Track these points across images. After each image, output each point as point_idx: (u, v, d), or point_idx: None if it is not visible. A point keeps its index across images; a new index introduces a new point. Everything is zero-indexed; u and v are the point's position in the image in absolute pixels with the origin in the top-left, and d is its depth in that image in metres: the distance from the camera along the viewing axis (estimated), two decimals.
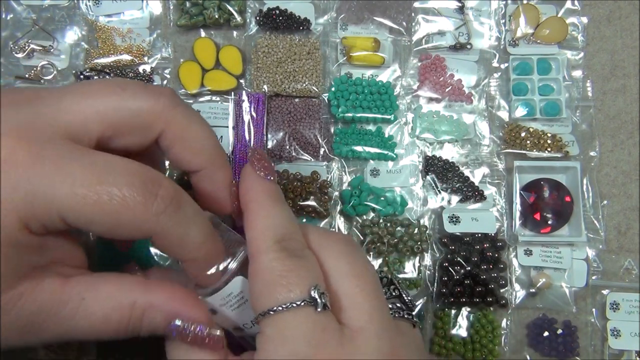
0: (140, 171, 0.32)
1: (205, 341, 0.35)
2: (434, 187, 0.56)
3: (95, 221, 0.31)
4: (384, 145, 0.56)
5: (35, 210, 0.30)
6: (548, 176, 0.56)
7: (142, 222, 0.32)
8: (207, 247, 0.35)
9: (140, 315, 0.34)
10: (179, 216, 0.33)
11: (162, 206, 0.32)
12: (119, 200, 0.31)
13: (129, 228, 0.32)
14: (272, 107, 0.57)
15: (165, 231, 0.33)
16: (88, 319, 0.33)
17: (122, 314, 0.34)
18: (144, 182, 0.32)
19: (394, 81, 0.57)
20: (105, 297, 0.34)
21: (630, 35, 0.59)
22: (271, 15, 0.57)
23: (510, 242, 0.55)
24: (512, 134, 0.56)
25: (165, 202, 0.32)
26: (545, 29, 0.58)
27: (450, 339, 0.54)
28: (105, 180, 0.31)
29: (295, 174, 0.55)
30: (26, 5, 0.57)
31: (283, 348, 0.32)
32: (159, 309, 0.35)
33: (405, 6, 0.58)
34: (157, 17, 0.58)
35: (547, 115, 0.57)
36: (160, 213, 0.32)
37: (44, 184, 0.30)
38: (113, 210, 0.31)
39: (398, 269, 0.55)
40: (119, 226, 0.31)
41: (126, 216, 0.31)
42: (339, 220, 0.56)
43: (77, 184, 0.30)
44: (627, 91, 0.59)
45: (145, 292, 0.35)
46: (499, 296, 0.54)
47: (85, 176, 0.30)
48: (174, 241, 0.33)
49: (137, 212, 0.31)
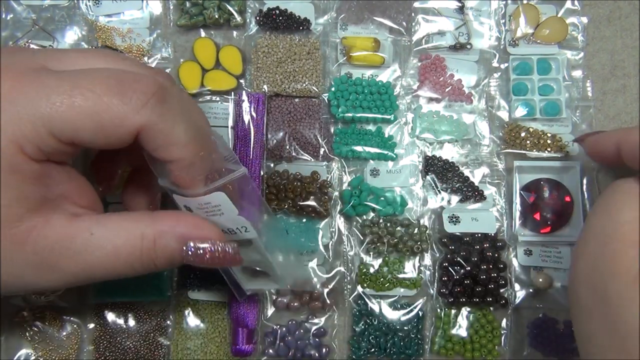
0: (117, 72, 0.33)
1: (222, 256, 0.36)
2: (434, 187, 0.56)
3: (79, 126, 0.31)
4: (384, 145, 0.56)
5: (23, 129, 0.31)
6: (548, 176, 0.56)
7: (123, 118, 0.32)
8: (193, 148, 0.35)
9: (151, 245, 0.35)
10: (162, 109, 0.33)
11: (142, 100, 0.32)
12: (95, 99, 0.31)
13: (112, 127, 0.32)
14: (272, 107, 0.57)
15: (149, 126, 0.33)
16: (99, 253, 0.34)
17: (132, 245, 0.35)
18: (120, 80, 0.32)
19: (394, 81, 0.57)
20: (112, 231, 0.34)
21: (630, 35, 0.59)
22: (271, 15, 0.57)
23: (510, 242, 0.55)
24: (512, 134, 0.56)
25: (147, 95, 0.32)
26: (545, 29, 0.58)
27: (450, 339, 0.54)
28: (79, 84, 0.31)
29: (295, 174, 0.55)
30: (26, 5, 0.57)
31: None
32: (171, 234, 0.35)
33: (405, 6, 0.58)
34: (157, 17, 0.58)
35: (547, 115, 0.57)
36: (141, 107, 0.32)
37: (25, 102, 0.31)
38: (92, 111, 0.31)
39: (398, 269, 0.55)
40: (102, 127, 0.32)
41: (105, 115, 0.32)
42: (339, 220, 0.56)
43: (53, 94, 0.31)
44: (627, 91, 0.59)
45: (153, 222, 0.35)
46: (499, 296, 0.54)
47: (59, 85, 0.31)
48: (159, 137, 0.33)
49: (115, 108, 0.32)
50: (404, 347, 0.54)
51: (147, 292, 0.53)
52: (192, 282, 0.54)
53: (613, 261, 0.35)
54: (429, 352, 0.55)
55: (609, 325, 0.34)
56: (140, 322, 0.54)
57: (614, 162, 0.42)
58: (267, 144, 0.56)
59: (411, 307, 0.55)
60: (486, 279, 0.53)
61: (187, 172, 0.36)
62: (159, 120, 0.33)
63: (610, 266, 0.35)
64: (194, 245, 0.35)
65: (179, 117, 0.34)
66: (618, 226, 0.36)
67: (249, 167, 0.53)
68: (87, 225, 0.34)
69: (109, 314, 0.54)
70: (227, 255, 0.36)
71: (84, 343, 0.54)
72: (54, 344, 0.53)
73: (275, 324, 0.55)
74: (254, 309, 0.53)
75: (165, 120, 0.33)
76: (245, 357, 0.53)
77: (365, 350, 0.54)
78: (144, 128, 0.33)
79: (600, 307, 0.35)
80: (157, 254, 0.35)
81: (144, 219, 0.36)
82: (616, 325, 0.33)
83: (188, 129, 0.34)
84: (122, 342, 0.53)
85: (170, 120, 0.33)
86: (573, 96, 0.57)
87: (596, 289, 0.36)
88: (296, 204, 0.54)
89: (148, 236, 0.35)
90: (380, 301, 0.55)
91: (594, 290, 0.36)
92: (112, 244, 0.34)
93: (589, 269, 0.37)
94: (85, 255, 0.34)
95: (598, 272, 0.36)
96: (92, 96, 0.31)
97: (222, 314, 0.54)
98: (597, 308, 0.35)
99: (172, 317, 0.54)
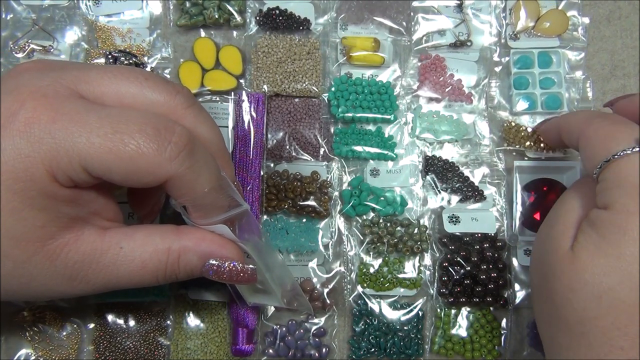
0: (154, 119, 0.35)
1: (240, 275, 0.39)
2: (434, 187, 0.56)
3: (113, 168, 0.33)
4: (384, 145, 0.56)
5: (59, 161, 0.33)
6: (548, 176, 0.56)
7: (156, 167, 0.34)
8: (213, 196, 0.37)
9: (176, 259, 0.38)
10: (191, 161, 0.35)
11: (175, 151, 0.34)
12: (132, 147, 0.33)
13: (144, 174, 0.34)
14: (272, 107, 0.57)
15: (178, 176, 0.35)
16: (127, 266, 0.37)
17: (159, 259, 0.37)
18: (157, 130, 0.34)
19: (394, 81, 0.57)
20: (141, 245, 0.37)
21: (630, 35, 0.59)
22: (271, 15, 0.57)
23: (510, 242, 0.55)
24: (511, 132, 0.56)
25: (179, 147, 0.34)
26: (545, 22, 0.57)
27: (450, 339, 0.54)
28: (119, 129, 0.33)
29: (295, 174, 0.55)
30: (26, 5, 0.57)
31: (620, 188, 0.35)
32: (194, 250, 0.38)
33: (405, 6, 0.58)
34: (157, 17, 0.58)
35: (548, 108, 0.57)
36: (174, 158, 0.34)
37: (64, 136, 0.32)
38: (127, 156, 0.33)
39: (398, 269, 0.55)
40: (135, 172, 0.34)
41: (140, 162, 0.33)
42: (338, 220, 0.56)
43: (94, 134, 0.33)
44: (627, 91, 0.59)
45: (178, 237, 0.38)
46: (498, 296, 0.54)
47: (100, 126, 0.33)
48: (184, 185, 0.35)
49: (150, 158, 0.33)
50: (404, 347, 0.54)
51: (147, 292, 0.53)
52: (192, 282, 0.54)
53: (553, 240, 0.39)
54: (429, 352, 0.55)
55: (548, 298, 0.38)
56: (140, 322, 0.54)
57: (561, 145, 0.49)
58: (267, 144, 0.56)
59: (411, 307, 0.55)
60: (486, 279, 0.53)
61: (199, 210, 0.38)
62: (187, 172, 0.35)
63: (551, 244, 0.39)
64: (215, 263, 0.39)
65: (204, 169, 0.36)
66: (564, 212, 0.40)
67: (249, 167, 0.53)
68: (116, 240, 0.37)
69: (109, 314, 0.54)
70: (245, 276, 0.40)
71: (84, 343, 0.54)
72: (54, 344, 0.53)
73: (275, 324, 0.55)
74: (254, 309, 0.53)
75: (192, 172, 0.35)
76: (245, 357, 0.53)
77: (365, 350, 0.54)
78: (173, 178, 0.35)
79: (544, 282, 0.38)
80: (180, 269, 0.38)
81: (169, 234, 0.38)
82: (552, 297, 0.37)
83: (210, 179, 0.37)
84: (122, 342, 0.53)
85: (196, 172, 0.35)
86: (573, 97, 0.57)
87: (541, 266, 0.39)
88: (296, 204, 0.54)
89: (174, 252, 0.38)
90: (380, 301, 0.55)
91: (540, 268, 0.40)
92: (140, 258, 0.37)
93: (538, 249, 0.41)
94: (114, 268, 0.37)
95: (543, 251, 0.39)
96: (130, 144, 0.33)
97: (222, 314, 0.54)
98: (542, 284, 0.39)
99: (172, 317, 0.54)
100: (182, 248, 0.38)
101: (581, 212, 0.39)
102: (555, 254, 0.38)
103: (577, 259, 0.36)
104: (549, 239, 0.40)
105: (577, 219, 0.39)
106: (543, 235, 0.41)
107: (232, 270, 0.39)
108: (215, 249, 0.39)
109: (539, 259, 0.41)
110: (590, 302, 0.34)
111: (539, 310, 0.40)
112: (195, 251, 0.38)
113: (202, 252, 0.38)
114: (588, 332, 0.34)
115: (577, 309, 0.35)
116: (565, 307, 0.36)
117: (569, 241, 0.38)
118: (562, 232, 0.39)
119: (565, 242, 0.38)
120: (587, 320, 0.35)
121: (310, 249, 0.55)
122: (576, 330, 0.35)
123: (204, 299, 0.54)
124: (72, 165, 0.33)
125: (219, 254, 0.39)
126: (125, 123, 0.33)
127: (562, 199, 0.42)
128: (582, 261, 0.35)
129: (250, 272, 0.40)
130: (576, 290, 0.35)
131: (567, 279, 0.36)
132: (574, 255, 0.36)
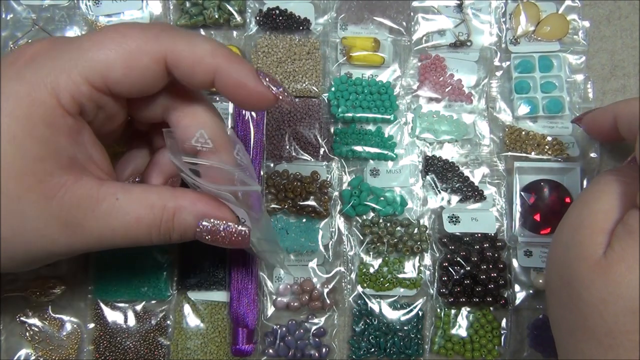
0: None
1: (233, 237, 0.39)
2: (434, 187, 0.56)
3: (111, 64, 0.34)
4: (384, 145, 0.56)
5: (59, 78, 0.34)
6: (548, 177, 0.56)
7: (145, 43, 0.36)
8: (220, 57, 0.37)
9: (171, 217, 0.37)
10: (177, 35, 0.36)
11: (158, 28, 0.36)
12: (120, 35, 0.35)
13: (139, 55, 0.35)
14: (272, 107, 0.56)
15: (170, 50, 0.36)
16: (123, 218, 0.36)
17: (154, 215, 0.37)
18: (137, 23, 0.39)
19: (394, 81, 0.57)
20: (137, 199, 0.37)
21: (630, 35, 0.59)
22: (271, 15, 0.57)
23: (510, 242, 0.55)
24: (512, 136, 0.56)
25: (163, 26, 0.37)
26: (546, 26, 0.58)
27: (450, 339, 0.54)
28: (104, 30, 0.36)
29: (295, 174, 0.55)
30: (26, 5, 0.57)
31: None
32: (189, 209, 0.38)
33: (405, 6, 0.58)
34: (157, 17, 0.58)
35: (549, 112, 0.57)
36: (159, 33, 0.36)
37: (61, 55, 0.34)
38: (117, 43, 0.35)
39: (398, 269, 0.55)
40: (130, 55, 0.35)
41: (132, 43, 0.35)
42: (338, 220, 0.56)
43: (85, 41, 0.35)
44: (627, 91, 0.59)
45: (174, 196, 0.38)
46: (498, 296, 0.54)
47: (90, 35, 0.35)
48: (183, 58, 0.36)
49: (137, 37, 0.35)
50: (404, 347, 0.54)
51: (147, 292, 0.53)
52: (192, 282, 0.54)
53: (581, 246, 0.36)
54: (429, 352, 0.55)
55: (573, 307, 0.36)
56: (140, 322, 0.54)
57: (612, 137, 0.44)
58: (267, 144, 0.56)
59: (411, 307, 0.55)
60: (486, 279, 0.53)
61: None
62: (179, 42, 0.35)
63: (578, 250, 0.36)
64: (209, 223, 0.38)
65: (196, 38, 0.36)
66: (592, 214, 0.37)
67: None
68: (113, 190, 0.36)
69: (109, 314, 0.54)
70: (239, 238, 0.39)
71: (84, 343, 0.54)
72: (54, 344, 0.53)
73: (275, 324, 0.55)
74: (254, 309, 0.53)
75: (183, 42, 0.36)
76: (245, 357, 0.53)
77: (365, 350, 0.54)
78: (167, 53, 0.35)
79: (567, 289, 0.37)
80: (174, 227, 0.38)
81: (166, 193, 0.38)
82: (579, 306, 0.35)
83: (208, 41, 0.37)
84: (122, 342, 0.53)
85: (187, 41, 0.36)
86: (574, 100, 0.57)
87: (565, 272, 0.37)
88: (296, 204, 0.54)
89: (169, 209, 0.37)
90: (380, 301, 0.55)
91: (563, 274, 0.38)
92: (135, 212, 0.36)
93: (561, 254, 0.39)
94: (109, 219, 0.36)
95: (568, 257, 0.37)
96: (116, 35, 0.35)
97: (222, 314, 0.54)
98: (564, 291, 0.37)
99: (172, 317, 0.54)
100: (178, 206, 0.37)
101: (614, 214, 0.37)
102: (584, 261, 0.36)
103: (611, 270, 0.34)
104: (574, 244, 0.37)
105: (608, 222, 0.36)
106: (565, 239, 0.39)
107: (226, 231, 0.39)
108: (210, 210, 0.38)
109: (560, 263, 0.38)
110: (623, 317, 0.33)
111: (558, 316, 0.38)
112: (191, 210, 0.38)
113: (197, 212, 0.38)
114: (618, 345, 0.33)
115: (608, 321, 0.33)
116: (593, 317, 0.34)
117: (600, 248, 0.35)
118: (590, 237, 0.36)
119: (594, 249, 0.36)
120: (618, 334, 0.33)
121: (310, 249, 0.55)
122: (604, 342, 0.34)
123: (204, 299, 0.54)
124: (71, 79, 0.33)
125: (213, 215, 0.38)
126: (111, 26, 0.36)
127: (586, 199, 0.39)
128: (617, 274, 0.33)
129: (244, 234, 0.40)
130: (609, 302, 0.33)
131: (597, 290, 0.34)
132: (608, 265, 0.34)
